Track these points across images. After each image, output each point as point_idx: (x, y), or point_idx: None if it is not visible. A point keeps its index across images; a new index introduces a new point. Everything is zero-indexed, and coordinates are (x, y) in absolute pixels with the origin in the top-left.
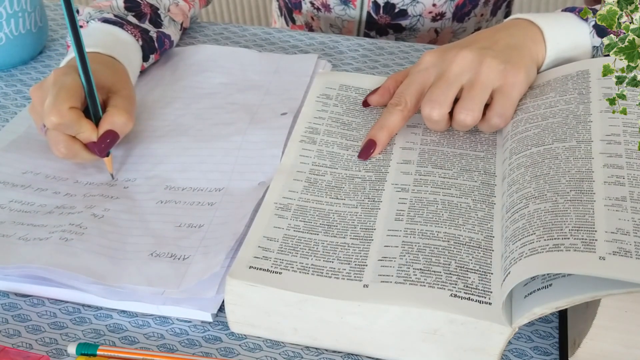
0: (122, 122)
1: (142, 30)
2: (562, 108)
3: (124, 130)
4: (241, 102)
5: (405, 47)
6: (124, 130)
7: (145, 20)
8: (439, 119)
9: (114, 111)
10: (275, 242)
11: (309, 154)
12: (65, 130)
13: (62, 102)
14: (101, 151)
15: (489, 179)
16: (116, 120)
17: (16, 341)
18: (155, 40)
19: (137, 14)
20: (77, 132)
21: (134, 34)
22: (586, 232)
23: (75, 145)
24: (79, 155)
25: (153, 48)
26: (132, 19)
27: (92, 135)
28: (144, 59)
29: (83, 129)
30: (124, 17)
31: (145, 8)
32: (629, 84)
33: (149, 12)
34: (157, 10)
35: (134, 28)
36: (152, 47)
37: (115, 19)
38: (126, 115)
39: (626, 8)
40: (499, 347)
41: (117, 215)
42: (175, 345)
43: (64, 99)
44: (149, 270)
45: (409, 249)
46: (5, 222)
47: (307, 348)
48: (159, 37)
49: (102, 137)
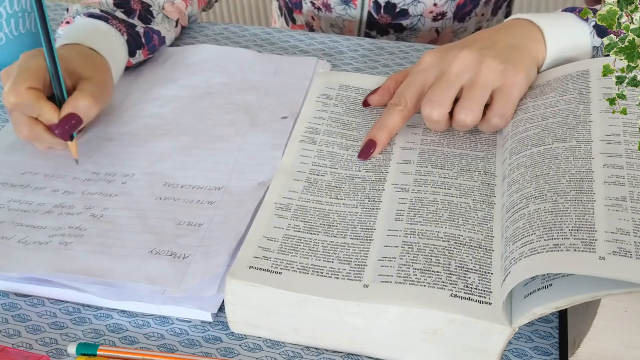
0: (85, 105)
1: (128, 25)
2: (562, 108)
3: (87, 114)
4: (241, 103)
5: (405, 47)
6: (88, 114)
7: (134, 16)
8: (439, 119)
9: (79, 94)
10: (275, 242)
11: (309, 154)
12: (25, 111)
13: (22, 82)
14: (63, 134)
15: (489, 179)
16: (79, 104)
17: (16, 341)
18: (142, 36)
19: (127, 10)
20: (38, 113)
21: (119, 28)
22: (586, 232)
23: (37, 127)
24: (42, 138)
25: (140, 43)
26: (119, 15)
27: (54, 117)
28: (130, 54)
29: (43, 110)
30: (111, 12)
31: (135, 4)
32: (629, 84)
33: (138, 9)
34: (148, 7)
35: (120, 22)
36: (138, 42)
37: (100, 13)
38: (90, 99)
39: (626, 8)
40: (499, 347)
41: (116, 212)
42: (175, 345)
43: (24, 78)
44: (149, 267)
45: (409, 249)
46: (4, 222)
47: (307, 348)
48: (147, 32)
49: (64, 119)
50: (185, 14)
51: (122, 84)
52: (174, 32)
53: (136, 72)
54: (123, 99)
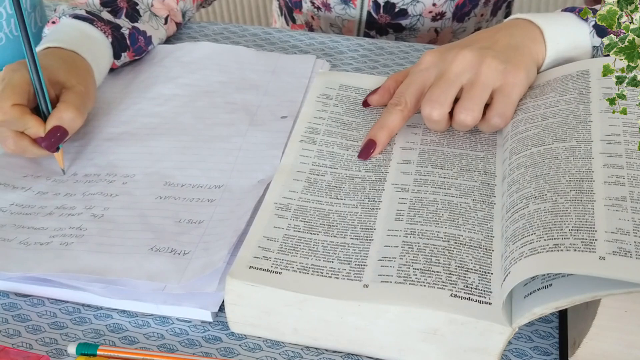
0: (69, 118)
1: (113, 27)
2: (562, 108)
3: (72, 126)
4: (240, 102)
5: (405, 47)
6: (73, 126)
7: (121, 14)
8: (439, 119)
9: (63, 107)
10: (275, 242)
11: (309, 154)
12: (11, 127)
13: (6, 99)
14: (49, 146)
15: (489, 179)
16: (64, 116)
17: (16, 341)
18: (127, 38)
19: (113, 9)
20: (24, 128)
21: (104, 30)
22: (586, 232)
23: (23, 141)
24: (28, 151)
25: (125, 45)
26: (106, 15)
27: (40, 131)
28: (115, 56)
29: (29, 125)
30: (97, 13)
31: (122, 2)
32: (629, 84)
33: (125, 7)
34: (135, 5)
35: (105, 25)
36: (123, 44)
37: (86, 15)
38: (75, 112)
39: (626, 8)
40: (499, 347)
41: (117, 212)
42: (175, 345)
43: (7, 95)
44: (150, 264)
45: (409, 249)
46: (5, 225)
47: (307, 348)
48: (132, 34)
49: (50, 132)
50: (177, 10)
51: (120, 81)
52: (162, 29)
53: (135, 70)
54: (122, 98)
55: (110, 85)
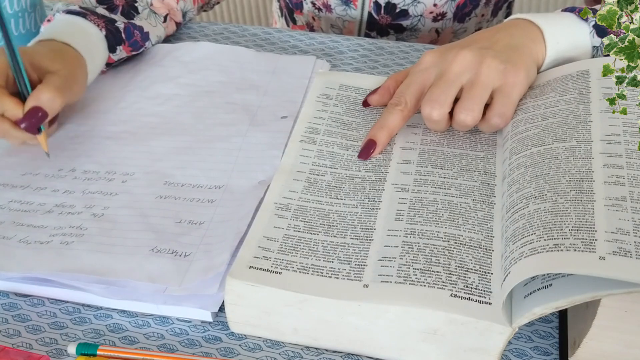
0: (47, 98)
1: (107, 20)
2: (562, 108)
3: (51, 107)
4: (240, 103)
5: (405, 47)
6: (52, 107)
7: (117, 12)
8: (439, 119)
9: (42, 87)
10: (275, 242)
11: (309, 154)
12: None
13: None
14: (29, 127)
15: (489, 179)
16: (42, 97)
17: (16, 341)
18: (122, 31)
19: (109, 6)
20: (2, 110)
21: (97, 23)
22: (586, 232)
23: (4, 124)
24: (10, 134)
25: (120, 39)
26: (101, 11)
27: (18, 112)
28: (110, 49)
29: (7, 107)
30: (91, 8)
31: (119, 0)
32: (629, 84)
33: (121, 4)
34: (133, 3)
35: (98, 18)
36: (118, 37)
37: (79, 10)
38: (53, 92)
39: (626, 8)
40: (499, 347)
41: (117, 211)
42: (175, 345)
43: None
44: (151, 265)
45: (409, 249)
46: (5, 222)
47: (307, 348)
48: (127, 27)
49: (29, 113)
50: (178, 9)
51: (120, 80)
52: (161, 27)
53: (134, 69)
54: (122, 97)
55: (110, 83)
